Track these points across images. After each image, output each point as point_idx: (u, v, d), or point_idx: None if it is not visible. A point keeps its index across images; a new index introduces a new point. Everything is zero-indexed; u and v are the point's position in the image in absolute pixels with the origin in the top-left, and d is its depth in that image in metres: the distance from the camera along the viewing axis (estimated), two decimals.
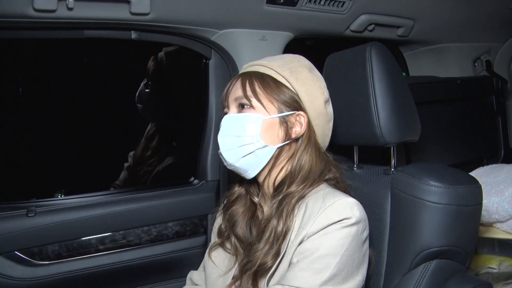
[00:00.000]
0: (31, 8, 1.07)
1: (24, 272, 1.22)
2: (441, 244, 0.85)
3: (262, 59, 0.95)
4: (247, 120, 0.88)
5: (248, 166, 0.89)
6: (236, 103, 0.91)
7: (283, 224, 0.83)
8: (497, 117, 1.96)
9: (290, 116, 0.89)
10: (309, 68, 0.94)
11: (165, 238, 1.41)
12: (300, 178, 0.87)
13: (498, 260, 1.34)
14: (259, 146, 0.87)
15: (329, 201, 0.81)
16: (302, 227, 0.81)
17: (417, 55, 1.98)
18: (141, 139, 1.95)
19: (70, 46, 1.96)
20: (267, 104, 0.88)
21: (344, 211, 0.79)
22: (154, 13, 1.20)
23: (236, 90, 0.91)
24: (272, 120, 0.88)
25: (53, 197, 1.33)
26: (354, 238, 0.79)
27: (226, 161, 0.91)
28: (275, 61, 0.92)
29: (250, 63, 0.96)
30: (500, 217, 1.31)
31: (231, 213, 0.97)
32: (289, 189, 0.86)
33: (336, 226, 0.78)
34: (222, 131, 0.91)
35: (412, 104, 1.02)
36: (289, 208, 0.84)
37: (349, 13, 1.45)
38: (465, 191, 0.87)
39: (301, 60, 0.95)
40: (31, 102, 1.93)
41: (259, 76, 0.90)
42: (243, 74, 0.93)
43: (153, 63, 1.86)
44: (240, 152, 0.88)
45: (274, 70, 0.90)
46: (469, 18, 1.71)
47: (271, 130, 0.88)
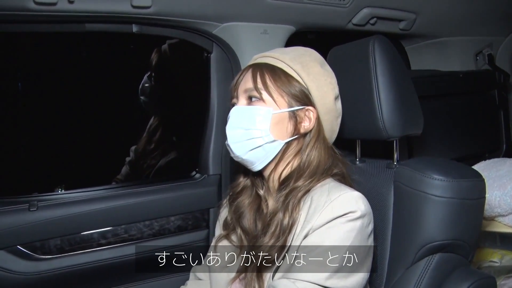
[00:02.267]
0: (31, 1, 1.06)
1: (26, 266, 1.22)
2: (444, 237, 0.85)
3: (273, 51, 0.94)
4: (257, 113, 0.87)
5: (255, 159, 0.89)
6: (246, 95, 0.90)
7: (288, 217, 0.83)
8: (499, 111, 1.95)
9: (299, 111, 0.88)
10: (320, 63, 0.93)
11: (167, 232, 1.41)
12: (308, 174, 0.87)
13: (500, 254, 1.34)
14: (268, 140, 0.87)
15: (334, 194, 0.81)
16: (308, 220, 0.81)
17: (419, 49, 1.97)
18: (143, 133, 1.94)
19: (71, 40, 1.95)
20: (277, 97, 0.87)
21: (349, 204, 0.79)
22: (156, 6, 1.19)
23: (247, 81, 0.89)
24: (282, 115, 0.87)
25: (55, 192, 1.33)
26: (359, 232, 0.79)
27: (234, 153, 0.90)
28: (286, 54, 0.91)
29: (261, 54, 0.94)
30: (502, 211, 1.31)
31: (238, 205, 0.97)
32: (296, 184, 0.86)
33: (341, 220, 0.78)
34: (231, 123, 0.90)
35: (415, 97, 1.01)
36: (295, 201, 0.84)
37: (351, 6, 1.44)
38: (469, 185, 0.86)
39: (313, 54, 0.94)
40: (31, 97, 1.93)
41: (270, 68, 0.89)
42: (254, 66, 0.91)
43: (156, 55, 1.84)
44: (249, 145, 0.88)
45: (286, 63, 0.89)
46: (471, 12, 1.70)
47: (280, 124, 0.87)
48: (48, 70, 1.96)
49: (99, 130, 2.04)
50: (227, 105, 1.47)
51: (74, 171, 1.90)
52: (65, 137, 1.97)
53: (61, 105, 1.95)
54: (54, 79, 1.95)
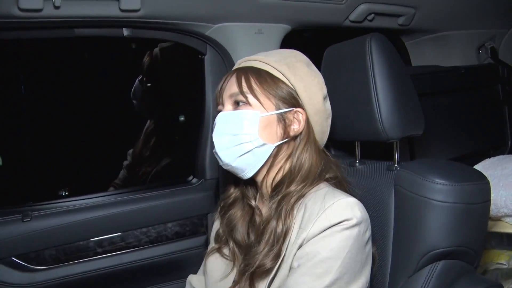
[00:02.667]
0: (16, 8, 1.03)
1: (22, 278, 1.21)
2: (448, 244, 0.82)
3: (257, 54, 0.92)
4: (244, 117, 0.84)
5: (246, 166, 0.86)
6: (232, 100, 0.87)
7: (282, 224, 0.81)
8: (503, 106, 1.91)
9: (288, 113, 0.86)
10: (307, 64, 0.90)
11: (164, 239, 1.39)
12: (300, 178, 0.84)
13: (507, 255, 1.30)
14: (257, 144, 0.84)
15: (328, 201, 0.78)
16: (303, 228, 0.79)
17: (420, 44, 1.93)
18: (140, 137, 1.92)
19: (66, 45, 1.93)
20: (264, 100, 0.85)
21: (344, 212, 0.76)
22: (145, 9, 1.16)
23: (231, 86, 0.87)
24: (270, 117, 0.85)
25: (49, 201, 1.31)
26: (356, 240, 0.76)
27: (222, 160, 0.87)
28: (271, 56, 0.89)
29: (245, 58, 0.92)
30: (508, 211, 1.27)
31: (229, 217, 0.94)
32: (288, 189, 0.83)
33: (336, 228, 0.75)
34: (217, 130, 0.87)
35: (415, 96, 0.98)
36: (288, 207, 0.82)
37: (348, 2, 1.41)
38: (473, 189, 0.83)
39: (298, 55, 0.92)
40: (23, 106, 1.91)
41: (255, 71, 0.86)
42: (238, 70, 0.89)
43: (148, 58, 1.82)
44: (237, 151, 0.85)
45: (271, 65, 0.87)
46: (472, 4, 1.66)
47: (269, 127, 0.85)
48: (44, 76, 1.94)
49: (94, 136, 2.02)
50: None
51: (69, 179, 1.88)
52: (59, 144, 1.95)
53: (55, 112, 1.93)
54: (48, 86, 1.94)
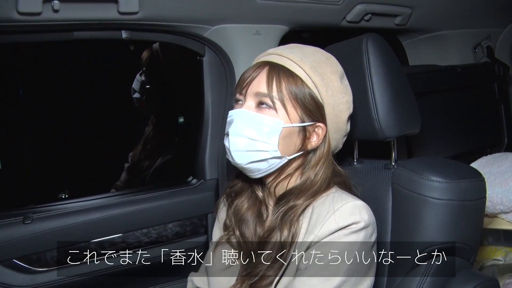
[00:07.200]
0: (15, 12, 1.03)
1: (23, 280, 1.21)
2: (445, 240, 0.83)
3: (292, 49, 0.84)
4: (266, 123, 0.80)
5: (257, 170, 0.84)
6: (256, 98, 0.82)
7: (287, 234, 0.80)
8: (499, 104, 1.93)
9: (309, 126, 0.83)
10: (340, 76, 0.86)
11: (165, 240, 1.39)
12: (310, 193, 0.82)
13: (503, 251, 1.32)
14: (275, 155, 0.81)
15: (337, 204, 0.78)
16: (310, 230, 0.79)
17: (416, 44, 1.94)
18: (140, 139, 1.93)
19: (65, 48, 1.93)
20: (291, 110, 0.81)
21: (352, 215, 0.77)
22: (143, 11, 1.17)
23: (260, 83, 0.81)
24: (292, 129, 0.81)
25: (49, 203, 1.31)
26: (363, 243, 0.77)
27: (234, 160, 0.84)
28: (307, 59, 0.82)
29: (278, 50, 0.84)
30: (504, 208, 1.28)
31: (236, 207, 0.92)
32: (296, 201, 0.82)
33: (344, 232, 0.76)
34: (235, 127, 0.82)
35: (412, 95, 0.99)
36: (294, 219, 0.81)
37: (345, 3, 1.41)
38: (468, 186, 0.84)
39: (333, 64, 0.86)
40: (22, 109, 1.91)
41: (288, 74, 0.81)
42: (270, 66, 0.82)
43: (147, 54, 1.81)
44: (252, 157, 0.81)
45: (305, 71, 0.81)
46: (468, 3, 1.67)
47: (288, 138, 0.81)
48: (44, 79, 1.94)
49: (94, 138, 2.02)
50: (222, 109, 1.48)
51: (70, 181, 1.88)
52: (59, 146, 1.95)
53: (55, 117, 1.94)
54: (48, 89, 1.94)
